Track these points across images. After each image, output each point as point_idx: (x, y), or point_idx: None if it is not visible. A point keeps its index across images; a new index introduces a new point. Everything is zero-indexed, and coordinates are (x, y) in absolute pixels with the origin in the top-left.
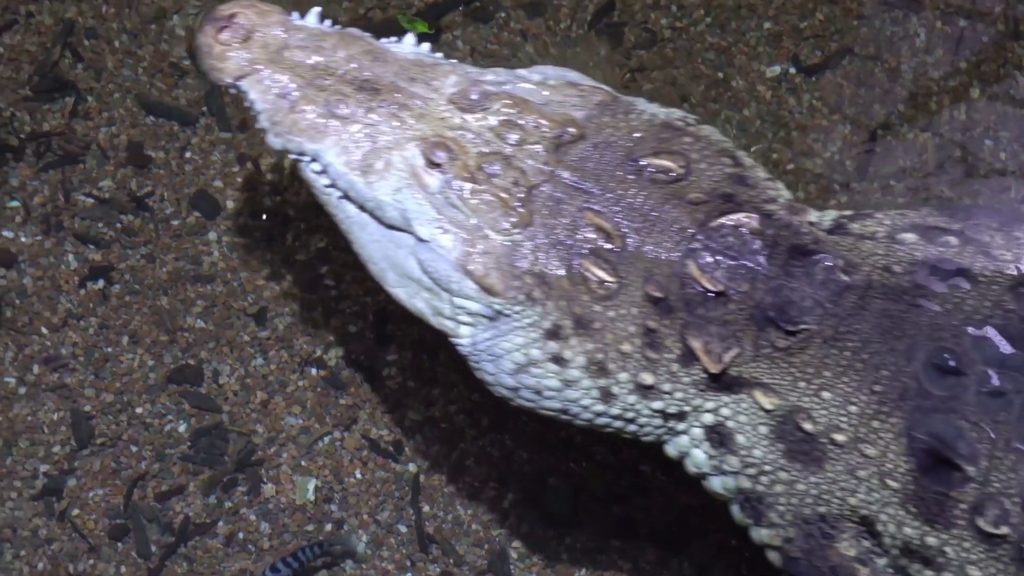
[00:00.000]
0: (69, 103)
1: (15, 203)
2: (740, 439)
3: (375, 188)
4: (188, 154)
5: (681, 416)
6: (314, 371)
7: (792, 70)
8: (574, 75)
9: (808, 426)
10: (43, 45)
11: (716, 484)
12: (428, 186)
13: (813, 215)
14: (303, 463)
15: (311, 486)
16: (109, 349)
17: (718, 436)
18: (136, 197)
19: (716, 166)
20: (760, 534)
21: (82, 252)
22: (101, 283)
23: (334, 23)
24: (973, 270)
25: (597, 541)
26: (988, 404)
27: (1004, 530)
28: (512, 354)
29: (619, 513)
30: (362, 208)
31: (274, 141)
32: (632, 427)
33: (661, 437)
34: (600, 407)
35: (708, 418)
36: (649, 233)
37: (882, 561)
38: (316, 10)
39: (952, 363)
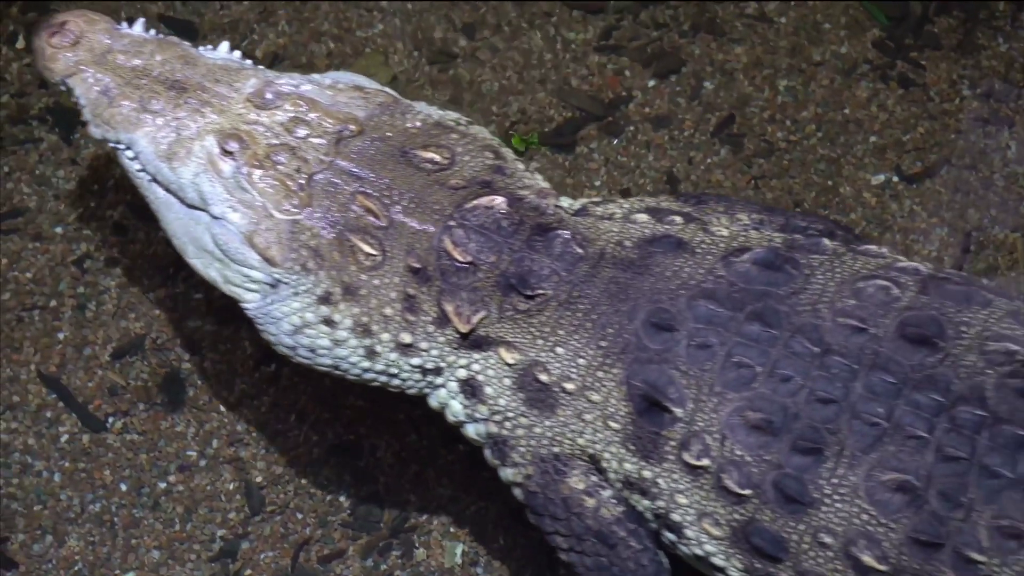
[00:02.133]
0: None
1: (199, 295)
2: (488, 390)
3: (177, 172)
4: None
5: (438, 371)
6: (461, 446)
7: (895, 179)
8: (363, 80)
9: (544, 377)
10: None
11: (471, 431)
12: (222, 171)
13: (564, 201)
14: (452, 529)
15: (459, 551)
16: (279, 426)
17: (470, 388)
18: None
19: (478, 158)
20: (506, 473)
21: (256, 339)
22: (273, 367)
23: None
24: (692, 244)
25: None
26: (696, 355)
27: (705, 462)
28: (290, 317)
29: None
30: (168, 190)
31: (95, 131)
32: (396, 381)
33: (423, 390)
34: (366, 363)
35: (461, 373)
36: (412, 213)
37: (607, 493)
38: (141, 20)
39: (667, 321)
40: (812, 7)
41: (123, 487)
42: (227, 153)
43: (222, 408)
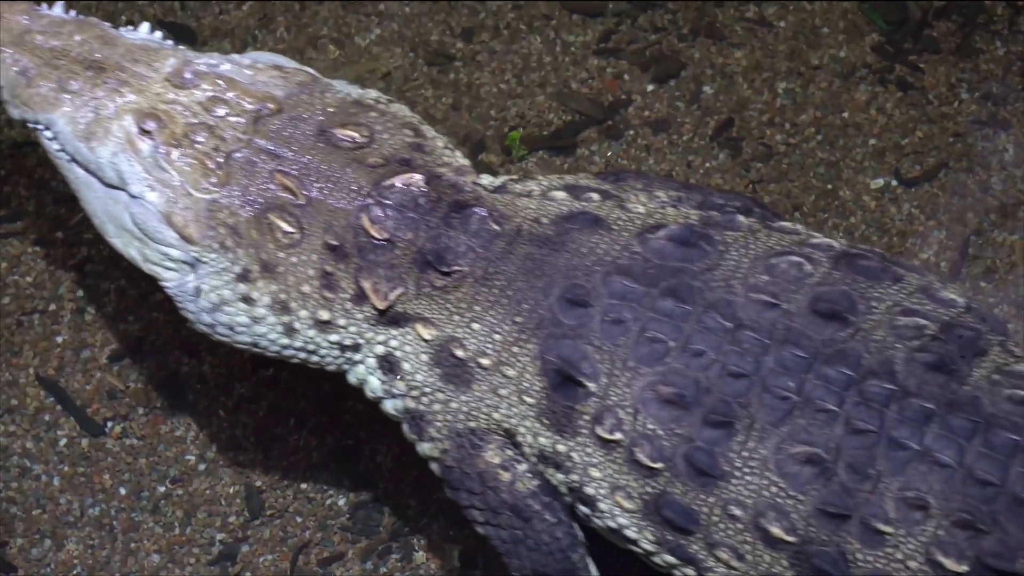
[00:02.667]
0: None
1: None
2: (406, 366)
3: (96, 152)
4: None
5: (356, 348)
6: None
7: (894, 182)
8: (282, 59)
9: (460, 353)
10: None
11: (389, 406)
12: (140, 151)
13: (485, 178)
14: (451, 533)
15: (457, 554)
16: (278, 430)
17: (388, 364)
18: None
19: (398, 136)
20: (423, 448)
21: None
22: (271, 371)
23: None
24: (608, 220)
25: None
26: (610, 331)
27: (618, 436)
28: (208, 295)
29: None
30: (87, 170)
31: (14, 112)
32: (315, 358)
33: (342, 367)
34: (285, 340)
35: (379, 349)
36: (330, 192)
37: (522, 467)
38: (60, 2)
39: (582, 297)
40: (811, 11)
41: (122, 491)
42: (145, 132)
43: (221, 412)
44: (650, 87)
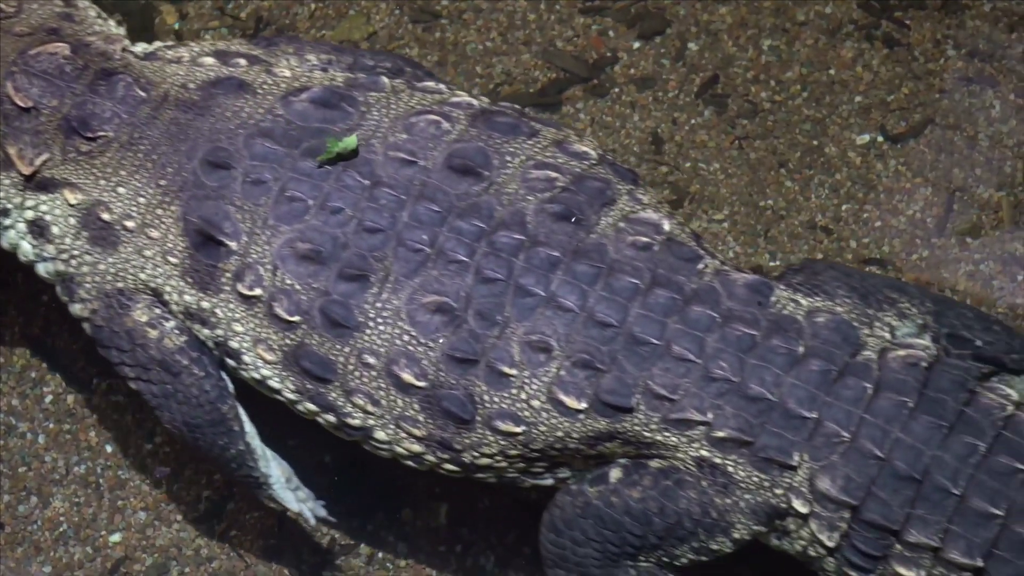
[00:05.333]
0: None
1: None
2: (55, 230)
3: None
4: None
5: (6, 213)
6: None
7: (880, 138)
8: None
9: (106, 216)
10: None
11: (41, 270)
12: None
13: (138, 47)
14: (436, 490)
15: (443, 511)
16: None
17: (38, 229)
18: None
19: (47, 7)
20: (74, 309)
21: None
22: None
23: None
24: (254, 85)
25: None
26: (251, 191)
27: (257, 292)
28: None
29: None
30: None
31: None
32: None
33: None
34: None
35: (29, 214)
36: None
37: (170, 324)
38: None
39: (224, 159)
40: None
41: (108, 448)
42: None
43: None
44: (635, 44)
